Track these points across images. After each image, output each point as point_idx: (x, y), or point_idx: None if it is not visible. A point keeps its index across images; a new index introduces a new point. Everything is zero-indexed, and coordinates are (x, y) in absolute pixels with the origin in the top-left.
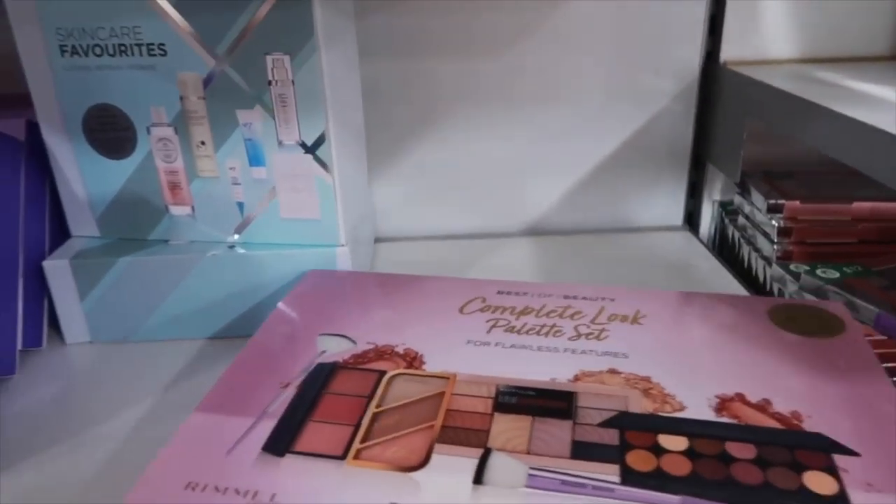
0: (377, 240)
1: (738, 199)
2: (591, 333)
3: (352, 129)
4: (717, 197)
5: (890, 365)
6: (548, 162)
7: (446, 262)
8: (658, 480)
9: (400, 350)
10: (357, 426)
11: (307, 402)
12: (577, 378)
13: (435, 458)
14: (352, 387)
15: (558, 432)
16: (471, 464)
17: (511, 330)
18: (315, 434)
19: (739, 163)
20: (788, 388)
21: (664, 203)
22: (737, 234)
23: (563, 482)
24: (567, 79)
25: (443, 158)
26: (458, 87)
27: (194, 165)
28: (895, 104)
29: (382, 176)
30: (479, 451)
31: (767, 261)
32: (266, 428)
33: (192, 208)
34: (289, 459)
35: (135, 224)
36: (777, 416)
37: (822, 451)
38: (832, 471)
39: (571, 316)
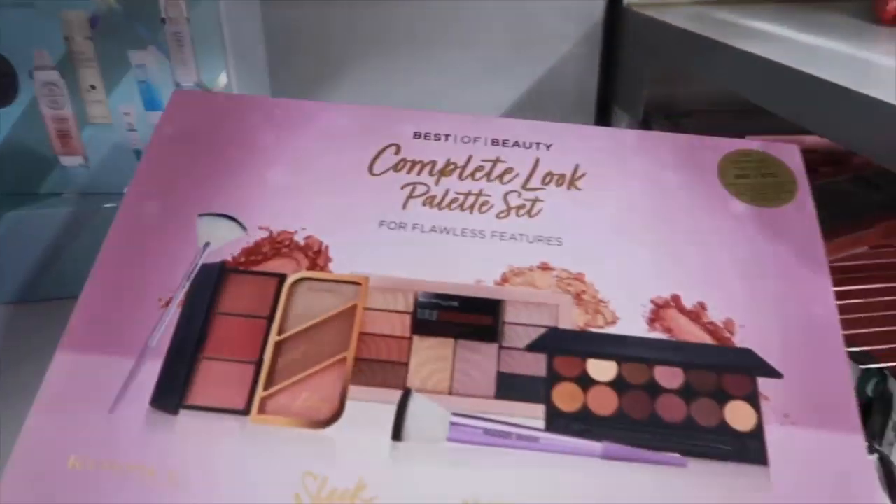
0: None
1: None
2: (522, 207)
3: (254, 72)
4: None
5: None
6: (455, 109)
7: None
8: (583, 423)
9: (300, 240)
10: (258, 364)
11: (195, 330)
12: (504, 279)
13: (349, 405)
14: (247, 302)
15: (482, 362)
16: (389, 412)
17: (431, 202)
18: (210, 377)
19: (642, 103)
20: (726, 287)
21: None
22: None
23: (487, 432)
24: (471, 24)
25: (349, 102)
26: (362, 33)
27: (85, 112)
28: (791, 40)
29: None
30: (398, 394)
31: None
32: (151, 371)
33: (85, 158)
34: (183, 417)
35: (22, 176)
36: (710, 328)
37: (748, 373)
38: (753, 400)
39: (501, 176)
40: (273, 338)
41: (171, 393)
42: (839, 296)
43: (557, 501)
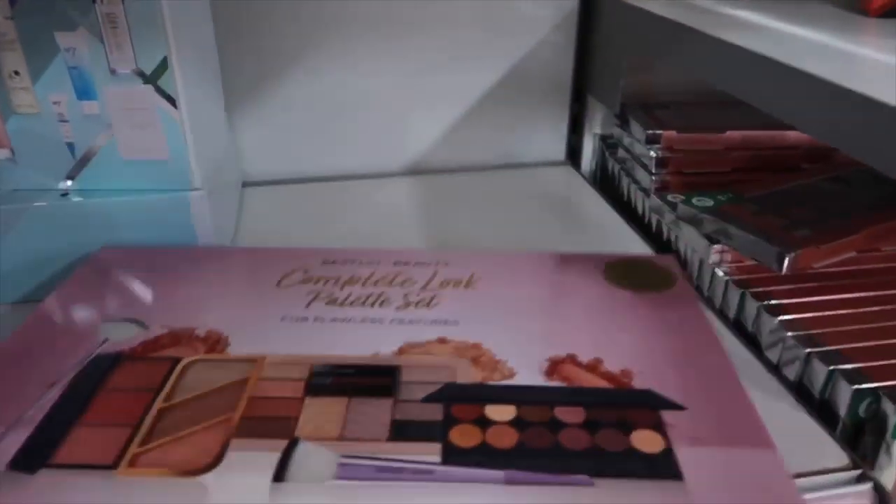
0: (245, 184)
1: (617, 132)
2: (420, 301)
3: (201, 56)
4: (598, 130)
5: (758, 290)
6: (427, 96)
7: (322, 207)
8: (482, 456)
9: (201, 333)
10: (137, 426)
11: (77, 403)
12: (402, 350)
13: (230, 455)
14: (136, 380)
15: (376, 412)
16: (273, 458)
17: (333, 302)
18: (83, 441)
19: (619, 93)
20: (619, 346)
21: (547, 138)
22: (617, 167)
23: (379, 469)
24: (442, 7)
25: (314, 93)
26: (329, 15)
27: (8, 100)
28: (773, 30)
29: (248, 114)
30: (284, 443)
31: (646, 192)
32: (19, 438)
33: (11, 150)
34: (43, 476)
35: None
36: (607, 376)
37: (650, 407)
38: (659, 427)
39: (402, 283)
40: (158, 405)
41: (33, 454)
42: (826, 306)
43: None
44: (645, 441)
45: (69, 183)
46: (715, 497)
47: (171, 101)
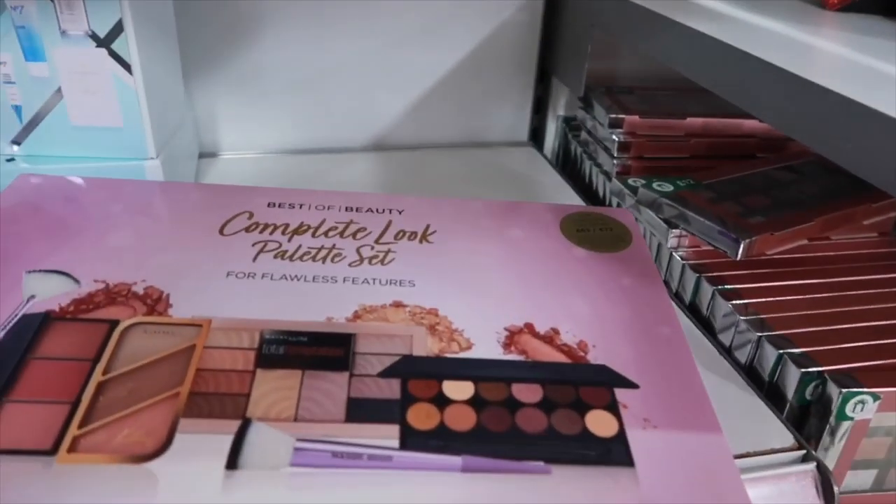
0: (202, 155)
1: (581, 114)
2: (374, 257)
3: (158, 21)
4: (562, 112)
5: (713, 274)
6: (392, 71)
7: (281, 181)
8: (440, 440)
9: (139, 290)
10: (75, 404)
11: (2, 374)
12: (356, 315)
13: (179, 438)
14: (70, 347)
15: (332, 389)
16: (224, 442)
17: (282, 255)
18: (14, 421)
19: (584, 77)
20: (576, 314)
21: (510, 118)
22: (579, 150)
23: (335, 454)
24: None
25: (276, 64)
26: None
27: None
28: (736, 19)
29: (206, 83)
30: (236, 424)
31: (607, 175)
32: None
33: None
34: None
35: None
36: (564, 349)
37: (605, 385)
38: (613, 408)
39: (354, 234)
40: (96, 378)
41: None
42: (778, 292)
43: None
44: (599, 424)
45: (15, 148)
46: (662, 484)
47: (126, 66)
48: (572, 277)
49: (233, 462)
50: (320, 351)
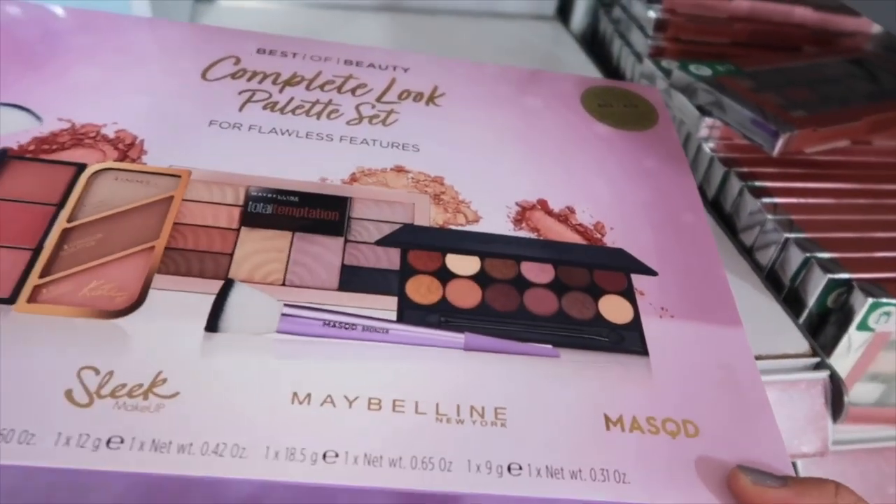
0: None
1: None
2: (375, 116)
3: None
4: None
5: (744, 170)
6: None
7: (287, 33)
8: (441, 315)
9: (109, 132)
10: (36, 251)
11: None
12: (353, 178)
13: (152, 295)
14: (31, 189)
15: (325, 255)
16: (204, 302)
17: (272, 107)
18: None
19: None
20: (594, 194)
21: None
22: (610, 28)
23: (326, 323)
24: None
25: None
26: None
27: None
28: None
29: None
30: (218, 284)
31: (638, 57)
32: None
33: None
34: None
35: None
36: (579, 229)
37: (622, 270)
38: (629, 295)
39: (353, 90)
40: (61, 224)
41: None
42: (811, 193)
43: (412, 395)
44: (613, 309)
45: None
46: (676, 376)
47: None
48: (592, 154)
49: (213, 324)
50: (312, 213)
